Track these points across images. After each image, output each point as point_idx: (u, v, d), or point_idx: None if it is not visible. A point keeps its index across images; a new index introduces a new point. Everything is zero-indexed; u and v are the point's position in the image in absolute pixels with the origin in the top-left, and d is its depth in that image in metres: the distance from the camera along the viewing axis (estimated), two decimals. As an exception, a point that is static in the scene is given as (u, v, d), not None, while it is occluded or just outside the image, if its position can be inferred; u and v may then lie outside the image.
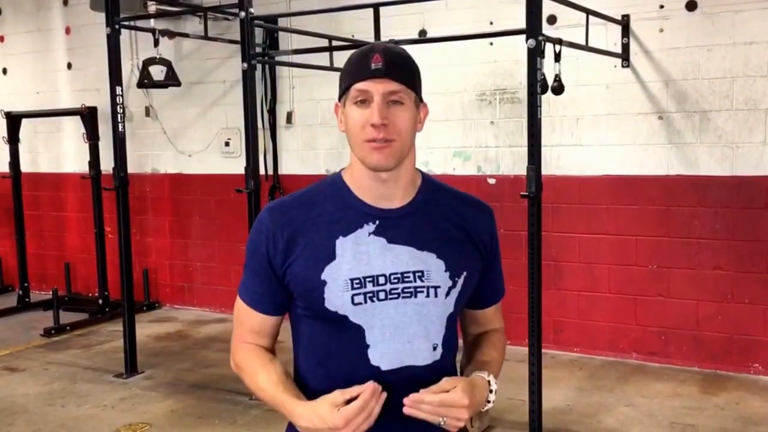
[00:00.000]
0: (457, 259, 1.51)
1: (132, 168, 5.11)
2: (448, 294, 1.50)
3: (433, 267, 1.48)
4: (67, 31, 7.06)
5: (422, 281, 1.47)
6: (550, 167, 4.99)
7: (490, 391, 1.50)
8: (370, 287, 1.45)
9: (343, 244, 1.46)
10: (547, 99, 4.07)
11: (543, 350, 3.82)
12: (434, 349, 1.50)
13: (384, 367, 1.47)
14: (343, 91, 1.47)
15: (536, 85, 3.63)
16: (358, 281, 1.45)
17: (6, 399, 4.63)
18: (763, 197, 4.59)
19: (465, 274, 1.51)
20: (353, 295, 1.45)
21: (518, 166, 5.17)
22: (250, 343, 1.58)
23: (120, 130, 4.86)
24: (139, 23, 5.29)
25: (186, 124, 6.61)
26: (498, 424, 4.06)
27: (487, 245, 1.57)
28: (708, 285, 4.77)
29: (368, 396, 1.39)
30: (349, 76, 1.45)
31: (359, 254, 1.46)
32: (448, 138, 5.44)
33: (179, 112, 6.60)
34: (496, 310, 1.69)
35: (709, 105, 4.69)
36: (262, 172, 5.16)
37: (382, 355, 1.47)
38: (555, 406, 4.24)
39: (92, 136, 6.35)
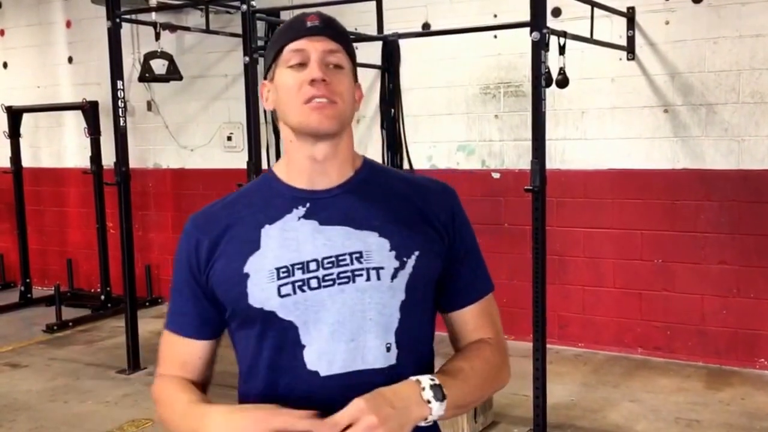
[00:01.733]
0: (404, 237, 1.28)
1: (134, 163, 5.09)
2: (394, 276, 1.26)
3: (374, 246, 1.26)
4: (68, 24, 7.03)
5: (360, 263, 1.25)
6: (554, 161, 4.96)
7: (425, 396, 1.19)
8: (299, 275, 1.24)
9: (268, 233, 1.28)
10: (552, 92, 4.04)
11: (547, 345, 3.80)
12: (387, 349, 1.25)
13: (323, 372, 1.23)
14: (272, 59, 1.31)
15: (540, 79, 3.59)
16: (284, 269, 1.25)
17: (8, 395, 4.61)
18: (769, 191, 4.56)
19: (416, 253, 1.28)
20: (279, 286, 1.24)
21: (523, 160, 5.14)
22: (174, 376, 1.36)
23: (121, 124, 4.84)
24: (141, 17, 5.26)
25: (188, 119, 6.58)
26: (502, 419, 4.04)
27: (447, 226, 1.33)
28: (713, 279, 4.74)
29: (304, 420, 1.14)
30: (281, 39, 1.30)
31: (287, 241, 1.27)
32: (452, 132, 5.41)
33: (181, 106, 6.57)
34: (480, 314, 1.38)
35: (715, 98, 4.65)
36: (264, 166, 5.12)
37: (320, 356, 1.23)
38: (559, 401, 4.22)
39: (94, 131, 6.32)
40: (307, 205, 1.30)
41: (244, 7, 4.35)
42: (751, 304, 4.65)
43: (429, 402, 1.19)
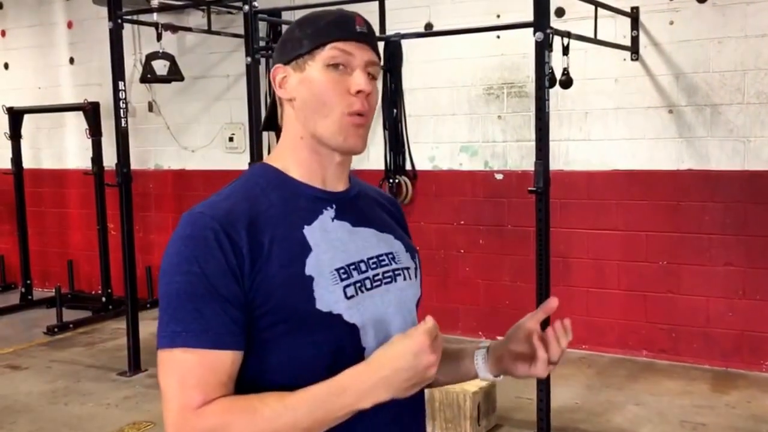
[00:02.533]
0: (406, 240, 1.36)
1: (135, 164, 5.06)
2: (415, 275, 1.33)
3: (397, 247, 1.31)
4: (69, 25, 7.01)
5: (396, 263, 1.29)
6: (558, 162, 4.93)
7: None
8: (356, 276, 1.21)
9: (311, 233, 1.20)
10: (555, 93, 4.02)
11: (552, 348, 3.76)
12: None
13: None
14: (308, 50, 1.20)
15: (544, 79, 3.56)
16: (344, 270, 1.20)
17: (9, 397, 4.59)
18: (775, 192, 4.53)
19: (417, 254, 1.37)
20: (345, 287, 1.19)
21: (526, 161, 5.11)
22: (223, 396, 1.12)
23: (123, 125, 4.81)
24: (142, 17, 5.23)
25: (189, 119, 6.55)
26: (505, 422, 4.01)
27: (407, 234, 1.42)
28: (719, 281, 4.71)
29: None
30: (326, 33, 1.20)
31: (333, 241, 1.22)
32: (455, 132, 5.38)
33: (182, 107, 6.55)
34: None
35: (720, 98, 4.62)
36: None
37: None
38: (563, 404, 4.18)
39: (95, 132, 6.30)
40: (334, 206, 1.26)
41: (246, 7, 4.32)
42: (758, 306, 4.61)
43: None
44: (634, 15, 4.75)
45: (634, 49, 4.78)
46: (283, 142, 1.27)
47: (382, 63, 1.35)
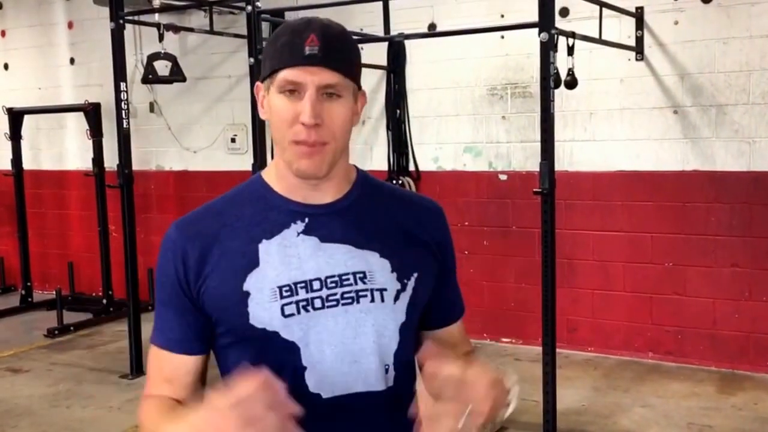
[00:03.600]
0: (404, 258, 1.27)
1: (136, 165, 5.03)
2: (397, 298, 1.24)
3: (377, 267, 1.24)
4: (70, 25, 6.98)
5: (364, 283, 1.23)
6: (562, 163, 4.90)
7: (507, 404, 1.17)
8: (303, 294, 1.20)
9: (267, 248, 1.22)
10: (560, 93, 3.99)
11: (557, 350, 3.74)
12: (386, 371, 1.24)
13: (325, 395, 1.20)
14: (268, 73, 1.21)
15: (549, 80, 3.55)
16: (287, 288, 1.20)
17: (10, 400, 4.55)
18: (781, 193, 4.50)
19: (416, 275, 1.27)
20: (283, 305, 1.19)
21: (530, 162, 5.08)
22: (161, 396, 1.25)
23: (125, 126, 4.78)
24: (144, 17, 5.20)
25: (191, 120, 6.52)
26: (511, 425, 3.97)
27: (440, 246, 1.33)
28: (725, 283, 4.68)
29: (252, 389, 1.02)
30: (276, 58, 1.20)
31: (288, 257, 1.22)
32: (458, 133, 5.35)
33: (184, 107, 6.51)
34: (459, 330, 1.40)
35: (725, 99, 4.59)
36: (269, 168, 5.07)
37: (322, 378, 1.20)
38: (569, 406, 4.15)
39: (96, 133, 6.26)
40: (306, 220, 1.25)
41: (249, 8, 4.30)
42: (764, 308, 4.59)
43: (508, 404, 1.17)
44: (638, 15, 4.72)
45: (638, 50, 4.76)
46: (275, 157, 1.29)
47: (351, 70, 1.24)
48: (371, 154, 5.63)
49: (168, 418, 1.19)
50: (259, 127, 4.40)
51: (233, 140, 6.30)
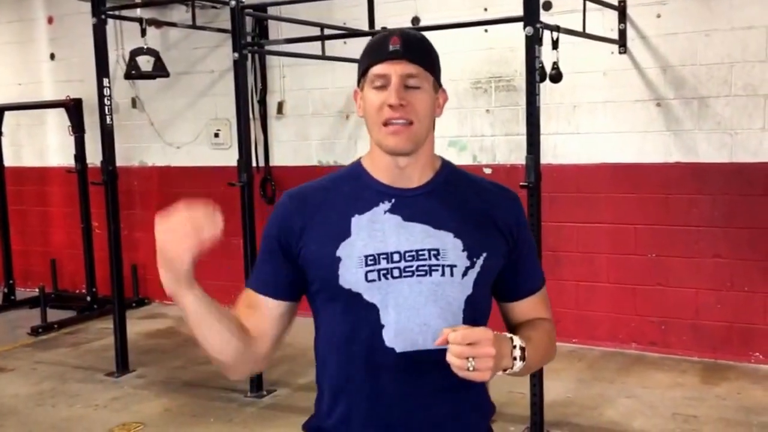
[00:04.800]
0: (476, 239, 1.47)
1: (119, 161, 4.98)
2: (465, 274, 1.45)
3: (450, 246, 1.45)
4: (50, 20, 6.90)
5: (437, 259, 1.43)
6: (546, 156, 4.88)
7: (514, 354, 1.38)
8: (384, 264, 1.43)
9: (358, 222, 1.45)
10: (543, 87, 3.98)
11: (543, 342, 3.76)
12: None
13: (399, 349, 1.41)
14: (361, 74, 1.47)
15: (535, 74, 3.55)
16: (372, 258, 1.43)
17: (-6, 400, 4.53)
18: (762, 184, 4.55)
19: (485, 255, 1.46)
20: (367, 272, 1.42)
21: (515, 155, 5.10)
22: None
23: (108, 122, 4.74)
24: (125, 12, 5.15)
25: (174, 116, 6.47)
26: (498, 417, 3.98)
27: (513, 231, 1.52)
28: (707, 273, 4.73)
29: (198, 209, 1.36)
30: (367, 59, 1.46)
31: (374, 231, 1.45)
32: (443, 127, 5.26)
33: (167, 103, 6.47)
34: (537, 302, 1.59)
35: (707, 91, 4.63)
36: (254, 164, 5.04)
37: (397, 335, 1.42)
38: (555, 398, 4.18)
39: (78, 129, 6.21)
40: (393, 200, 1.46)
41: (233, 2, 4.26)
42: (746, 298, 4.64)
43: (515, 359, 1.38)
44: (621, 8, 4.75)
45: (621, 43, 4.78)
46: (370, 146, 1.52)
47: (430, 64, 1.48)
48: (356, 147, 5.62)
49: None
50: (244, 122, 4.38)
51: (216, 135, 6.26)
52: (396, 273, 1.42)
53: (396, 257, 1.43)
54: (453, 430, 1.48)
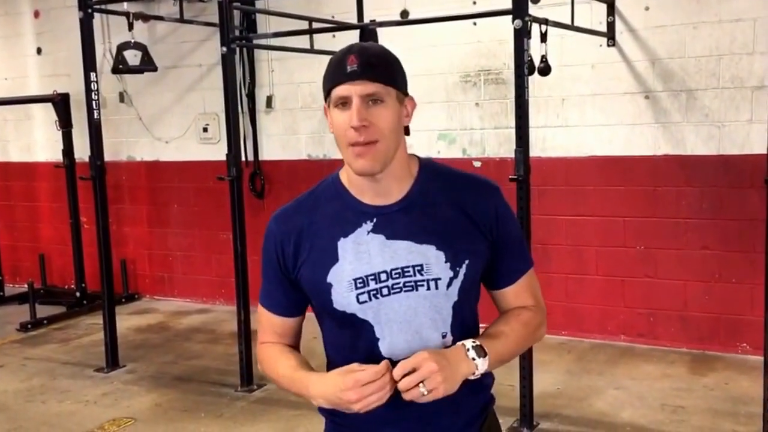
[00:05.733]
0: (457, 249, 1.52)
1: (107, 156, 4.96)
2: (449, 285, 1.51)
3: (433, 260, 1.50)
4: (36, 14, 6.84)
5: (422, 275, 1.50)
6: (535, 149, 4.89)
7: (469, 355, 1.46)
8: (372, 285, 1.50)
9: (344, 246, 1.52)
10: (532, 79, 3.99)
11: (533, 334, 3.77)
12: (443, 336, 1.52)
13: (396, 358, 1.48)
14: (326, 95, 1.51)
15: (523, 67, 3.56)
16: (360, 280, 1.50)
17: (-17, 397, 4.50)
18: (749, 176, 4.56)
19: (467, 262, 1.52)
20: (358, 295, 1.50)
21: (504, 148, 5.11)
22: (272, 342, 1.66)
23: (95, 117, 4.71)
24: (112, 6, 5.12)
25: (162, 110, 6.44)
26: (488, 410, 4.01)
27: (491, 225, 1.55)
28: (695, 265, 4.76)
29: (382, 368, 1.40)
30: (329, 80, 1.49)
31: (360, 254, 1.51)
32: (432, 121, 5.35)
33: (155, 97, 6.44)
34: (520, 290, 1.62)
35: (695, 83, 4.65)
36: (243, 158, 5.03)
37: (392, 347, 1.50)
38: (544, 390, 4.20)
39: (65, 124, 6.17)
40: (375, 220, 1.52)
41: (221, -5, 4.24)
42: (733, 289, 4.67)
43: (474, 359, 1.46)
44: (609, 1, 4.75)
45: (610, 35, 4.79)
46: (345, 163, 1.55)
47: (391, 79, 1.49)
48: (345, 142, 5.61)
49: (288, 357, 1.60)
50: (233, 116, 4.36)
51: (205, 129, 6.24)
52: (385, 291, 1.50)
53: (383, 276, 1.50)
54: (453, 426, 1.56)
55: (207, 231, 6.28)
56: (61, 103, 6.13)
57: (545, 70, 4.14)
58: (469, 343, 1.48)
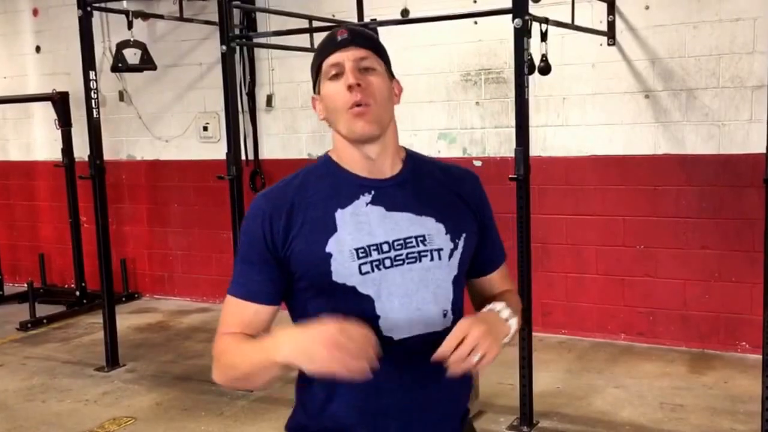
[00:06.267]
0: (455, 221, 1.52)
1: (106, 155, 4.96)
2: (451, 256, 1.50)
3: (434, 230, 1.49)
4: (35, 12, 6.83)
5: (425, 245, 1.47)
6: (535, 148, 4.91)
7: (502, 315, 1.47)
8: (375, 255, 1.45)
9: (342, 216, 1.46)
10: (533, 79, 4.00)
11: (532, 333, 3.79)
12: (444, 315, 1.49)
13: (396, 337, 1.45)
14: (316, 74, 1.51)
15: (523, 66, 3.56)
16: (363, 250, 1.44)
17: (-17, 396, 4.50)
18: (749, 175, 4.56)
19: (464, 235, 1.53)
20: (360, 265, 1.44)
21: (504, 148, 5.11)
22: (236, 332, 1.49)
23: (95, 116, 4.71)
24: (112, 5, 5.11)
25: (162, 109, 6.44)
26: (488, 409, 4.02)
27: (478, 209, 1.58)
28: (695, 264, 4.76)
29: (369, 338, 1.31)
30: (319, 57, 1.50)
31: (360, 224, 1.46)
32: (433, 120, 5.36)
33: (155, 96, 6.43)
34: (501, 276, 1.66)
35: (695, 83, 4.65)
36: (243, 157, 5.03)
37: (393, 324, 1.45)
38: (544, 389, 4.21)
39: (64, 123, 6.16)
40: (372, 192, 1.48)
41: (221, -6, 4.24)
42: (733, 288, 4.68)
43: (507, 319, 1.47)
44: (610, 0, 4.75)
45: (610, 35, 4.79)
46: (335, 142, 1.53)
47: (379, 50, 1.52)
48: (345, 141, 5.61)
49: (250, 341, 1.45)
50: (233, 115, 4.36)
51: (205, 128, 6.24)
52: (388, 263, 1.44)
53: (385, 247, 1.45)
54: (446, 409, 1.53)
55: (207, 230, 6.28)
56: (60, 101, 6.12)
57: (545, 69, 4.14)
58: (497, 305, 1.48)
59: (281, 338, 1.37)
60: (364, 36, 1.49)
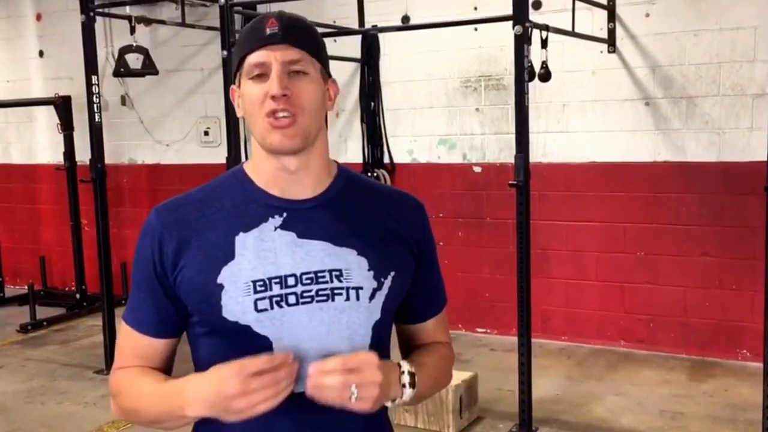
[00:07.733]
0: (382, 256, 1.27)
1: (108, 158, 4.97)
2: (372, 297, 1.25)
3: (354, 265, 1.24)
4: (38, 17, 6.86)
5: (340, 281, 1.23)
6: (536, 154, 4.92)
7: (402, 380, 1.23)
8: (276, 290, 1.21)
9: (243, 242, 1.22)
10: (533, 85, 4.02)
11: (531, 339, 3.78)
12: None
13: (297, 389, 1.17)
14: (237, 67, 1.25)
15: (524, 73, 3.57)
16: (261, 283, 1.20)
17: (-18, 398, 4.51)
18: (750, 183, 4.56)
19: (393, 274, 1.27)
20: (256, 300, 1.20)
21: (504, 154, 5.12)
22: (132, 367, 1.30)
23: (97, 120, 4.72)
24: (114, 10, 5.13)
25: (163, 113, 6.46)
26: (487, 414, 4.02)
27: (419, 243, 1.34)
28: (695, 272, 4.76)
29: (279, 357, 1.14)
30: (242, 49, 1.24)
31: (264, 252, 1.22)
32: (432, 126, 5.37)
33: (156, 100, 6.45)
34: (438, 324, 1.41)
35: (695, 91, 4.66)
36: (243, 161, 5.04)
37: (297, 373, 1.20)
38: (544, 395, 4.20)
39: (67, 126, 6.17)
40: (284, 214, 1.25)
41: (222, 0, 4.25)
42: (733, 296, 4.68)
43: (404, 386, 1.23)
44: (610, 7, 4.77)
45: (610, 42, 4.80)
46: (252, 149, 1.30)
47: (314, 49, 1.26)
48: (346, 146, 5.63)
49: (150, 384, 1.25)
50: (233, 119, 4.37)
51: (206, 133, 6.26)
52: (292, 300, 1.21)
53: (291, 281, 1.21)
54: None
55: (207, 234, 6.28)
56: (62, 105, 6.14)
57: (546, 76, 4.16)
58: (406, 366, 1.25)
59: (188, 392, 1.17)
60: (298, 30, 1.23)
